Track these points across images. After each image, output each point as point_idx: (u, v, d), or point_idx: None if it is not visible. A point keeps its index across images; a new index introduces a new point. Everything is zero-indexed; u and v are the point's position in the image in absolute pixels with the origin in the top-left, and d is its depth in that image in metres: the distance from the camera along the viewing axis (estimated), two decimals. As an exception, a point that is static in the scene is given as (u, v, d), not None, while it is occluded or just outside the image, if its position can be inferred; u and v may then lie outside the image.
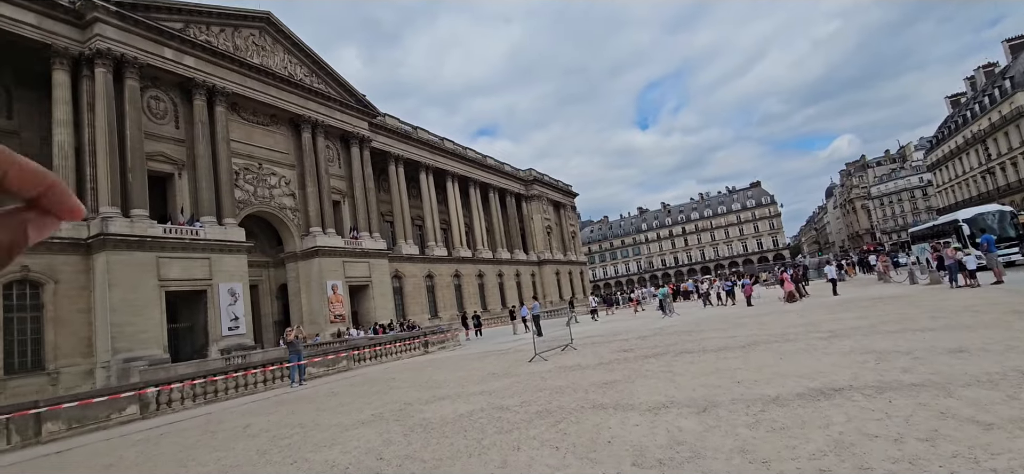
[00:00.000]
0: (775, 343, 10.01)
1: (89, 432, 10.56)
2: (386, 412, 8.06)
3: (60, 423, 10.30)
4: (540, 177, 73.79)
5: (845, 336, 9.82)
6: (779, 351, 9.12)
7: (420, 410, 7.88)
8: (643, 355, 10.81)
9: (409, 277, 45.67)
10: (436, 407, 7.94)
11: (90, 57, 25.53)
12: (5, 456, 8.97)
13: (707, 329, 15.10)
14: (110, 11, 25.80)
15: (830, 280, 23.43)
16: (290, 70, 36.61)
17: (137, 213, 25.66)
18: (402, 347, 20.59)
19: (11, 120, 25.78)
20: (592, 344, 15.45)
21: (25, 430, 9.73)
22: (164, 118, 29.15)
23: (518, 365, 12.35)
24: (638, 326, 20.91)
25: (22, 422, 9.58)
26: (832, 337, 9.99)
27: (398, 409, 8.22)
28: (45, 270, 22.87)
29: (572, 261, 78.38)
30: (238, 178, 32.28)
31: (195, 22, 30.52)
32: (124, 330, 24.01)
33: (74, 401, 10.71)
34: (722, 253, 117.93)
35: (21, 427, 9.62)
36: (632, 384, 7.84)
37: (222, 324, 28.42)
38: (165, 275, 26.23)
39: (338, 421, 7.84)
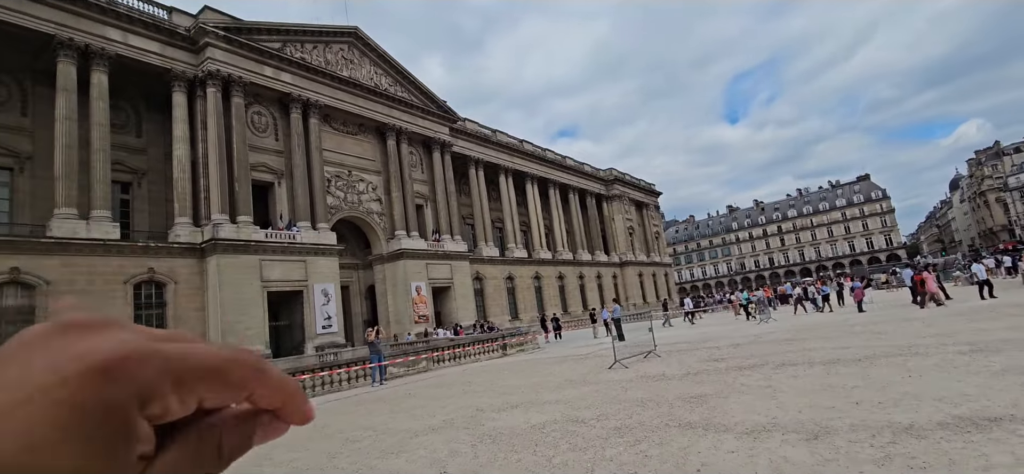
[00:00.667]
0: (899, 357, 8.58)
1: None
2: (457, 418, 7.84)
3: None
4: (621, 176, 71.78)
5: (994, 351, 8.19)
6: (906, 367, 7.77)
7: (491, 418, 7.56)
8: (737, 366, 9.75)
9: (489, 279, 46.10)
10: (508, 416, 7.58)
11: (202, 79, 28.15)
12: None
13: (812, 338, 13.49)
14: (218, 35, 28.30)
15: (979, 282, 19.98)
16: (376, 81, 38.27)
17: (243, 219, 27.87)
18: (480, 349, 20.61)
19: (140, 138, 29.05)
20: (677, 351, 14.38)
21: None
22: (265, 131, 31.51)
23: (596, 372, 11.71)
24: (729, 332, 19.33)
25: None
26: (975, 351, 8.38)
27: (469, 415, 7.97)
28: (167, 272, 25.45)
29: (656, 263, 75.42)
30: (330, 185, 34.20)
31: (291, 41, 32.75)
32: (232, 327, 26.13)
33: None
34: (825, 253, 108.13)
35: None
36: (725, 400, 6.97)
37: (317, 323, 30.15)
38: (267, 276, 28.26)
39: (408, 426, 7.73)
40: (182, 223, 26.76)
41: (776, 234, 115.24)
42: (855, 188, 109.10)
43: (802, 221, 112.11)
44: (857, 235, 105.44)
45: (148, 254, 24.98)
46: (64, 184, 22.93)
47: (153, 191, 28.87)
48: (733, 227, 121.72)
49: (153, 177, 29.03)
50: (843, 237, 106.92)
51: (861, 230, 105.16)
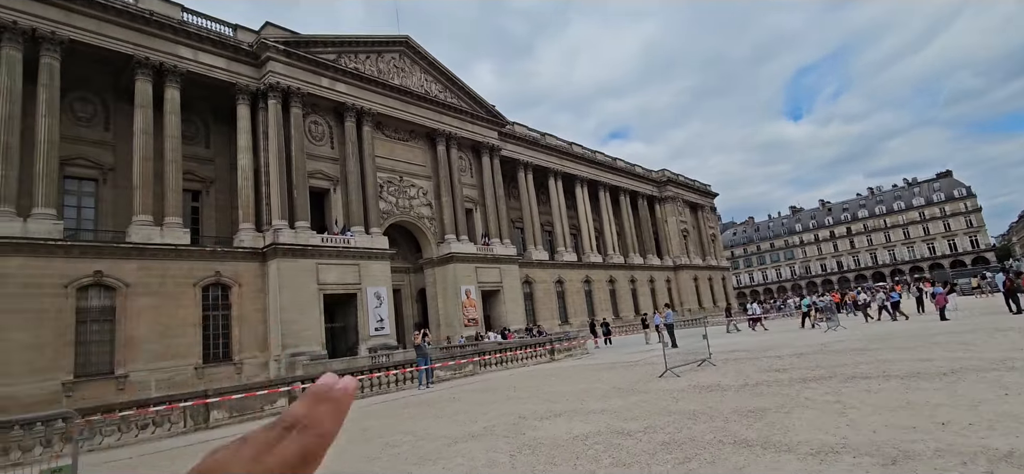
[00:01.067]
0: (992, 372, 7.62)
1: (246, 421, 11.91)
2: (499, 425, 7.64)
3: (224, 411, 11.81)
4: (674, 177, 69.68)
5: (1109, 367, 7.12)
6: (1001, 383, 6.87)
7: (533, 427, 7.30)
8: (801, 378, 9.00)
9: (539, 283, 45.82)
10: (550, 425, 7.30)
11: (264, 91, 29.55)
12: (179, 438, 10.42)
13: (887, 348, 12.34)
14: (279, 50, 29.64)
15: None
16: (426, 88, 38.94)
17: (300, 225, 28.99)
18: (528, 354, 20.36)
19: (208, 149, 30.83)
20: (734, 360, 13.56)
21: (197, 416, 11.32)
22: (321, 140, 32.69)
23: (646, 380, 11.19)
24: (792, 340, 18.14)
25: (195, 410, 11.14)
26: (1085, 367, 7.32)
27: (511, 423, 7.75)
28: (232, 275, 26.81)
29: (712, 266, 72.62)
30: (382, 191, 35.05)
31: (345, 52, 33.86)
32: (291, 328, 27.20)
33: (238, 393, 12.16)
34: (900, 256, 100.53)
35: (194, 413, 11.20)
36: (787, 416, 6.38)
37: (370, 325, 30.90)
38: (323, 279, 29.24)
39: (449, 432, 7.61)
40: (245, 229, 28.13)
41: (845, 236, 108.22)
42: (935, 186, 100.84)
43: (874, 222, 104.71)
44: (937, 236, 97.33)
45: (215, 258, 26.42)
46: (141, 193, 24.64)
47: (220, 199, 30.54)
48: (796, 229, 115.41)
49: (220, 186, 30.72)
50: (921, 239, 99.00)
51: (942, 231, 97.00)
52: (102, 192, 26.34)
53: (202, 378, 24.56)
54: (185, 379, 23.99)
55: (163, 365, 23.66)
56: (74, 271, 21.97)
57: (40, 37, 22.73)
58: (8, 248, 20.49)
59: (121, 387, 22.38)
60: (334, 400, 0.53)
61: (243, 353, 26.52)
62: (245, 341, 26.75)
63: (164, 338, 23.90)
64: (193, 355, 24.69)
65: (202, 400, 11.71)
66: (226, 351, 26.22)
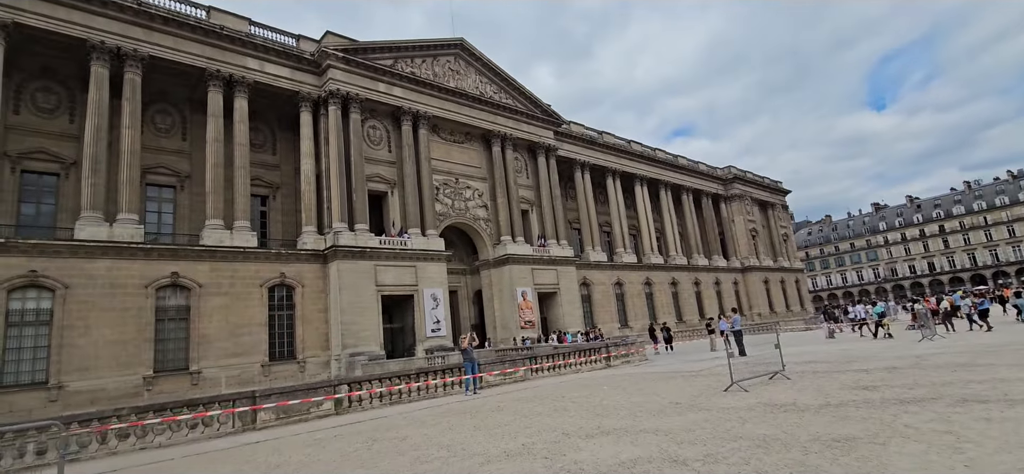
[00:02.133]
0: None
1: (292, 423, 11.95)
2: (538, 443, 7.03)
3: (270, 414, 11.92)
4: (741, 174, 66.08)
5: None
6: None
7: (576, 447, 6.63)
8: (897, 398, 7.73)
9: (597, 285, 44.68)
10: (595, 445, 6.59)
11: (325, 98, 30.47)
12: (221, 441, 10.52)
13: (1000, 364, 10.57)
14: (338, 57, 30.48)
15: None
16: (481, 89, 38.91)
17: (359, 227, 29.62)
18: (583, 360, 19.50)
19: (274, 156, 32.20)
20: (813, 373, 12.13)
21: (245, 417, 11.50)
22: (379, 144, 33.34)
23: (709, 395, 10.15)
24: (881, 351, 16.25)
25: (243, 411, 11.32)
26: None
27: (553, 440, 7.10)
28: (295, 276, 27.77)
29: (784, 268, 68.22)
30: (438, 193, 35.30)
31: (402, 57, 34.39)
32: (350, 328, 27.80)
33: (282, 395, 12.23)
34: (1004, 257, 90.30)
35: (243, 414, 11.38)
36: (883, 448, 5.34)
37: (426, 326, 31.11)
38: (381, 281, 29.74)
39: (485, 448, 7.08)
40: (308, 231, 29.08)
41: (937, 235, 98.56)
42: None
43: (972, 219, 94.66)
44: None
45: (280, 260, 27.45)
46: (212, 198, 25.99)
47: (285, 203, 31.79)
48: (880, 227, 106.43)
49: (286, 190, 31.98)
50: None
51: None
52: (179, 198, 28.04)
53: (268, 375, 25.56)
54: (252, 376, 25.02)
55: (232, 362, 24.79)
56: (153, 272, 23.45)
57: (124, 54, 24.47)
58: (96, 251, 22.13)
59: (195, 382, 23.65)
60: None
61: (306, 352, 27.37)
62: (308, 340, 27.60)
63: (233, 336, 25.04)
64: (260, 353, 25.72)
65: (248, 402, 11.84)
66: (290, 350, 27.16)
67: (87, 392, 21.10)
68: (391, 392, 14.70)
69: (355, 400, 13.86)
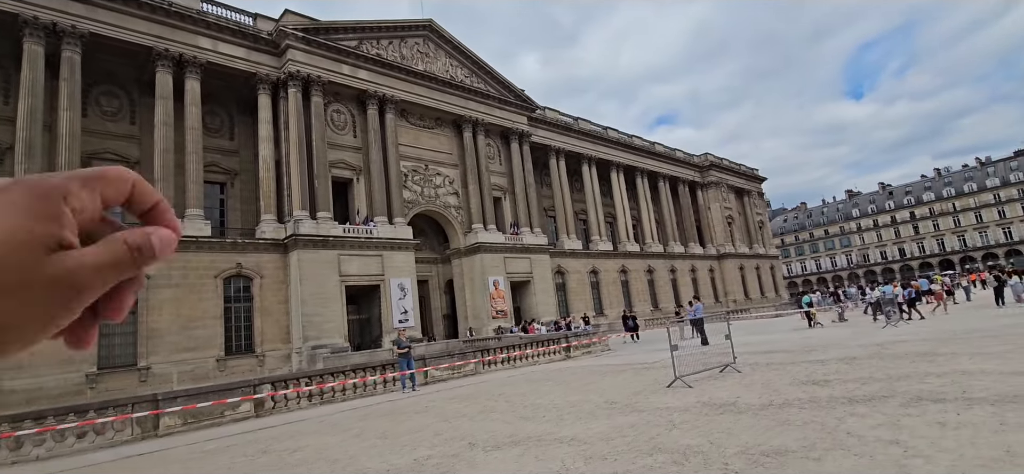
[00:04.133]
0: None
1: (201, 428, 10.97)
2: (434, 457, 6.26)
3: (176, 418, 10.95)
4: (718, 161, 66.12)
5: None
6: None
7: (472, 463, 5.85)
8: (846, 396, 7.14)
9: (572, 273, 44.21)
10: (496, 460, 5.83)
11: (284, 80, 29.15)
12: (101, 453, 9.43)
13: (963, 353, 10.14)
14: (297, 37, 29.13)
15: None
16: (451, 73, 37.83)
17: (322, 215, 28.53)
18: (540, 351, 18.84)
19: (232, 141, 30.80)
20: (766, 365, 11.60)
21: (146, 423, 10.54)
22: (344, 129, 32.14)
23: (650, 392, 9.52)
24: (844, 338, 15.95)
25: (144, 416, 10.36)
26: None
27: (452, 453, 6.35)
28: (253, 267, 26.63)
29: (759, 255, 68.72)
30: (407, 180, 34.27)
31: (367, 38, 33.11)
32: (312, 320, 26.82)
33: (190, 397, 11.22)
34: (972, 242, 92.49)
35: (143, 420, 10.43)
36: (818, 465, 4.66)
37: (393, 317, 30.24)
38: (345, 271, 28.74)
39: (373, 465, 6.27)
40: (267, 220, 27.90)
41: (908, 221, 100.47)
42: (1012, 164, 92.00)
43: (941, 205, 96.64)
44: (1015, 220, 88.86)
45: (236, 250, 26.27)
46: (162, 186, 24.62)
47: (245, 190, 30.48)
48: (853, 214, 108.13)
49: (245, 177, 30.65)
50: (996, 223, 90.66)
51: (1020, 214, 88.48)
52: (128, 185, 26.57)
53: (224, 370, 24.50)
54: (207, 371, 23.95)
55: (185, 357, 23.68)
56: (96, 264, 22.13)
57: (61, 31, 22.89)
58: (32, 241, 20.74)
59: (143, 379, 22.51)
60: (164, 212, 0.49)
61: (265, 345, 26.35)
62: (268, 333, 26.56)
63: (186, 330, 23.90)
64: (215, 347, 24.63)
65: (149, 404, 10.74)
66: (248, 343, 26.10)
67: (23, 392, 19.84)
68: (322, 391, 13.79)
69: (281, 400, 12.93)
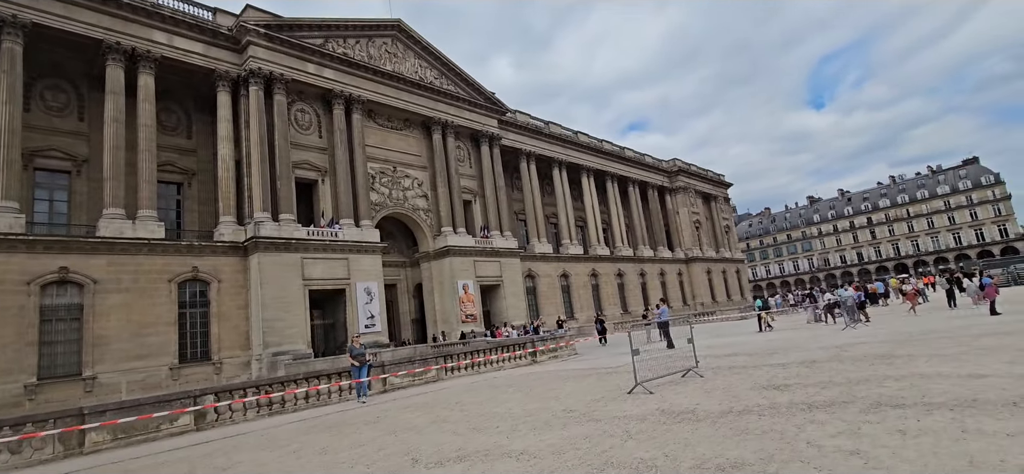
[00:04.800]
0: None
1: (134, 444, 10.10)
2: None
3: (105, 434, 10.11)
4: (686, 167, 67.26)
5: None
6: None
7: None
8: (806, 402, 7.08)
9: (543, 277, 44.13)
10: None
11: (245, 78, 28.16)
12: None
13: (921, 355, 10.31)
14: (259, 33, 28.20)
15: None
16: (421, 74, 37.31)
17: (285, 217, 27.63)
18: (505, 356, 18.50)
19: (190, 140, 29.59)
20: (729, 369, 11.60)
21: (69, 440, 9.73)
22: (309, 128, 31.27)
23: (609, 400, 9.34)
24: (805, 341, 16.21)
25: (67, 432, 9.51)
26: None
27: (392, 471, 5.98)
28: (211, 270, 25.56)
29: (726, 259, 70.18)
30: (374, 181, 33.57)
31: (333, 36, 32.33)
32: (274, 325, 25.89)
33: (120, 411, 10.33)
34: (925, 247, 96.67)
35: (66, 437, 9.62)
36: (776, 480, 4.57)
37: (359, 322, 29.49)
38: (309, 274, 27.88)
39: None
40: (226, 222, 26.85)
41: (865, 227, 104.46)
42: (961, 173, 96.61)
43: (896, 211, 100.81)
44: (963, 226, 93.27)
45: (192, 253, 25.17)
46: (111, 185, 23.42)
47: (203, 191, 29.30)
48: (814, 219, 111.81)
49: (203, 177, 29.47)
50: (946, 228, 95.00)
51: (968, 220, 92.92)
52: (75, 185, 25.22)
53: (177, 378, 23.41)
54: (159, 380, 22.82)
55: (136, 365, 22.49)
56: (38, 267, 20.82)
57: (1, 20, 21.53)
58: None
59: (89, 389, 21.25)
60: None
61: (223, 352, 25.29)
62: (225, 339, 25.51)
63: (137, 337, 22.71)
64: (168, 354, 23.48)
65: (74, 419, 9.71)
66: (205, 350, 25.01)
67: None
68: (270, 401, 13.09)
69: (225, 412, 12.19)
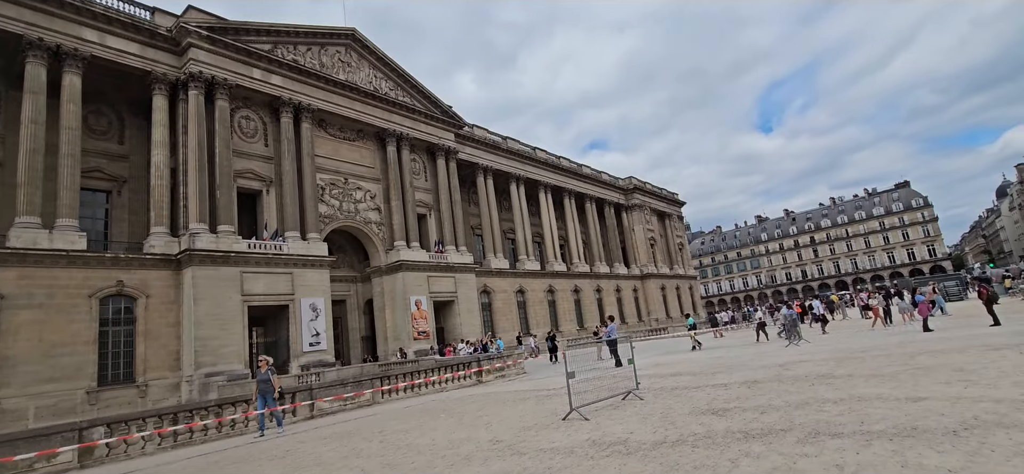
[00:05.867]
0: (1019, 429, 5.29)
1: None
2: None
3: None
4: (641, 185, 68.59)
5: None
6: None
7: None
8: (743, 429, 6.76)
9: (499, 292, 43.62)
10: None
11: (184, 81, 26.67)
12: None
13: (859, 375, 10.33)
14: (202, 36, 26.82)
15: None
16: (375, 85, 36.49)
17: (223, 229, 26.13)
18: (449, 376, 17.74)
19: (122, 145, 27.72)
20: (671, 390, 11.33)
21: None
22: (254, 136, 29.89)
23: (541, 428, 8.80)
24: (749, 359, 16.33)
25: None
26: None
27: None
28: (138, 285, 23.78)
29: (680, 275, 71.71)
30: (324, 193, 32.37)
31: (282, 42, 31.18)
32: (208, 344, 24.27)
33: None
34: (862, 265, 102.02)
35: None
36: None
37: (303, 340, 28.13)
38: (249, 290, 26.40)
39: None
40: (158, 233, 25.14)
41: (808, 245, 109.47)
42: (894, 196, 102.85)
43: (836, 231, 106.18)
44: (896, 245, 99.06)
45: (118, 265, 23.36)
46: (26, 191, 21.50)
47: (135, 200, 27.42)
48: (762, 238, 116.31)
49: (136, 185, 27.61)
50: (881, 248, 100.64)
51: (901, 240, 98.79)
52: (-15, 190, 23.03)
53: (96, 403, 21.50)
54: (74, 404, 20.88)
55: (47, 389, 20.49)
56: (-67, 281, 18.76)
57: (-101, 8, 19.55)
58: None
59: (-10, 416, 19.18)
60: None
61: (149, 373, 23.48)
62: (152, 360, 23.71)
63: (49, 358, 20.73)
64: (86, 377, 21.54)
65: None
66: (128, 372, 23.14)
67: None
68: (175, 433, 11.76)
69: (119, 446, 10.92)
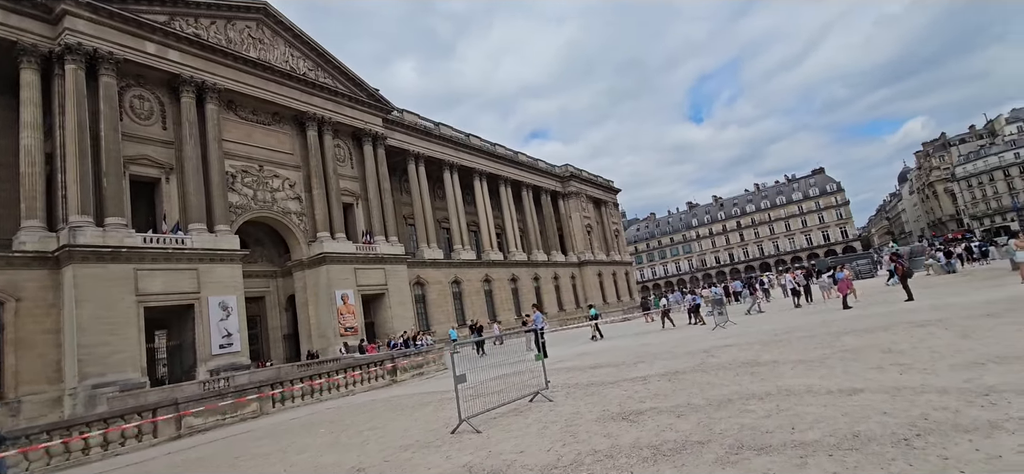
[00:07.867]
0: (974, 431, 4.45)
1: None
2: None
3: None
4: (577, 173, 68.95)
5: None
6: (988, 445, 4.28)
7: None
8: (652, 444, 5.61)
9: (433, 284, 42.23)
10: None
11: (60, 54, 23.36)
12: None
13: (786, 361, 9.78)
14: (80, 3, 23.55)
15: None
16: (292, 64, 33.89)
17: (112, 222, 23.23)
18: (358, 376, 16.34)
19: (-17, 127, 23.97)
20: (585, 387, 10.39)
21: None
22: (149, 118, 26.82)
23: (424, 444, 7.60)
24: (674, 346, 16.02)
25: None
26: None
27: None
28: (5, 287, 20.64)
29: (616, 261, 72.97)
30: (235, 181, 29.69)
31: (182, 14, 28.11)
32: (95, 352, 21.49)
33: None
34: (783, 247, 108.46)
35: None
36: None
37: (212, 342, 25.69)
38: (145, 289, 23.68)
39: None
40: (31, 227, 21.96)
41: (735, 230, 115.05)
42: (811, 182, 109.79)
43: (760, 216, 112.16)
44: (814, 228, 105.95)
45: (-23, 266, 20.14)
46: None
47: (2, 190, 23.86)
48: (693, 224, 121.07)
49: (4, 173, 24.02)
50: (800, 231, 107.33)
51: (817, 223, 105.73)
52: None
53: (-51, 427, 18.39)
54: (-81, 431, 17.74)
55: None
56: None
57: None
58: None
59: None
60: None
61: (22, 388, 20.49)
62: (26, 373, 20.70)
63: None
64: (-65, 397, 18.43)
65: None
66: (-6, 388, 20.08)
67: None
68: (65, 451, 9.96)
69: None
